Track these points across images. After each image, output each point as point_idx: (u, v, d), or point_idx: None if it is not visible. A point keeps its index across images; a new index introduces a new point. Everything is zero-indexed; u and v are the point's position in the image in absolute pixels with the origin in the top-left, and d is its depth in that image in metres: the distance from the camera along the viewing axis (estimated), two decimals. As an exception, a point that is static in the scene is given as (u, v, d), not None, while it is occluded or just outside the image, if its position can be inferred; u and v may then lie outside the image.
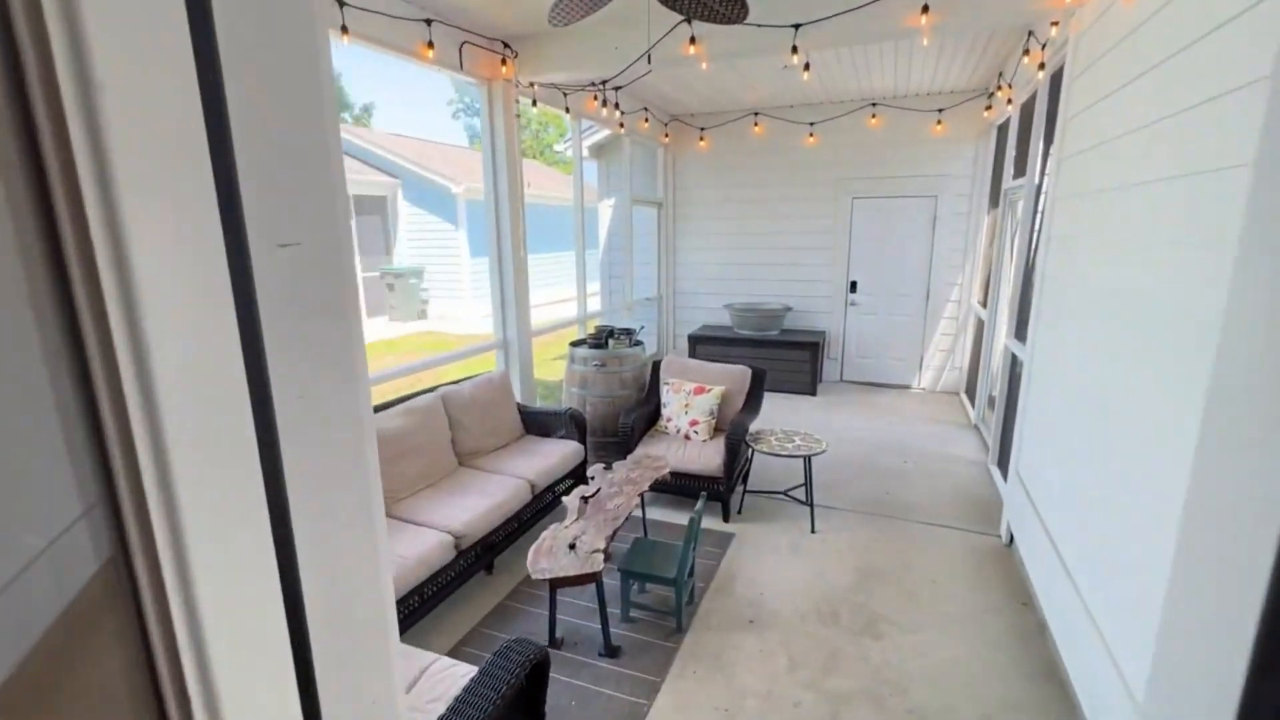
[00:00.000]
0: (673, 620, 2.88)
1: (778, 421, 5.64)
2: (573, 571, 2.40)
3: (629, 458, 3.57)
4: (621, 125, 5.79)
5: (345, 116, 25.81)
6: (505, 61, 4.10)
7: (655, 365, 4.69)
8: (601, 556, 2.50)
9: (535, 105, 4.45)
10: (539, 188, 14.98)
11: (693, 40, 3.60)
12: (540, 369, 8.89)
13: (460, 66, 3.87)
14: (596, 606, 2.70)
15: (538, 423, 4.21)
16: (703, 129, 7.02)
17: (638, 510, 3.59)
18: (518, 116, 4.28)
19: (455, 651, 2.69)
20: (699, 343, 7.03)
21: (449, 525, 2.93)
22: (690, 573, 2.97)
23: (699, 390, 4.21)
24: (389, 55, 3.45)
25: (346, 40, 3.05)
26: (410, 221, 13.77)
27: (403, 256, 13.93)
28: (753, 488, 4.22)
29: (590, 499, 3.02)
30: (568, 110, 4.96)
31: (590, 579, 2.42)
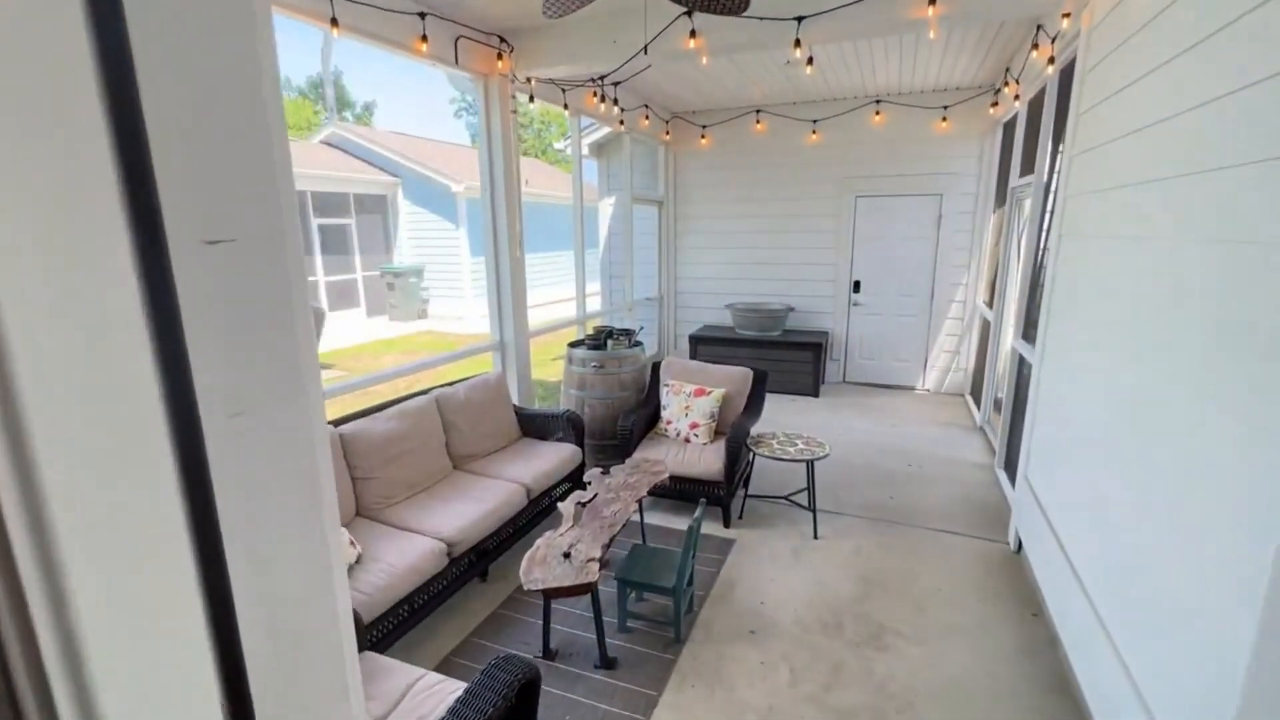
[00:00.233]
0: (671, 630, 2.79)
1: (780, 424, 5.56)
2: (567, 582, 2.32)
3: (627, 462, 3.49)
4: (621, 123, 5.70)
5: (347, 115, 25.79)
6: (502, 56, 4.01)
7: (655, 366, 4.60)
8: (597, 566, 2.42)
9: (532, 101, 4.37)
10: (541, 186, 14.91)
11: (693, 34, 3.52)
12: (541, 369, 8.84)
13: (456, 61, 3.79)
14: (592, 616, 2.62)
15: (535, 425, 4.13)
16: (704, 127, 6.93)
17: (635, 516, 3.51)
18: (514, 113, 4.20)
19: (446, 663, 2.61)
20: (700, 343, 6.95)
21: (441, 532, 2.85)
22: (689, 581, 2.89)
23: (699, 392, 4.13)
24: (382, 49, 3.37)
25: (337, 34, 2.97)
26: (411, 220, 13.71)
27: (403, 255, 13.87)
28: (754, 492, 4.14)
29: (586, 505, 2.94)
30: (566, 107, 4.88)
31: (585, 590, 2.34)
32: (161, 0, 0.54)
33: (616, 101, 5.19)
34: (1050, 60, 3.56)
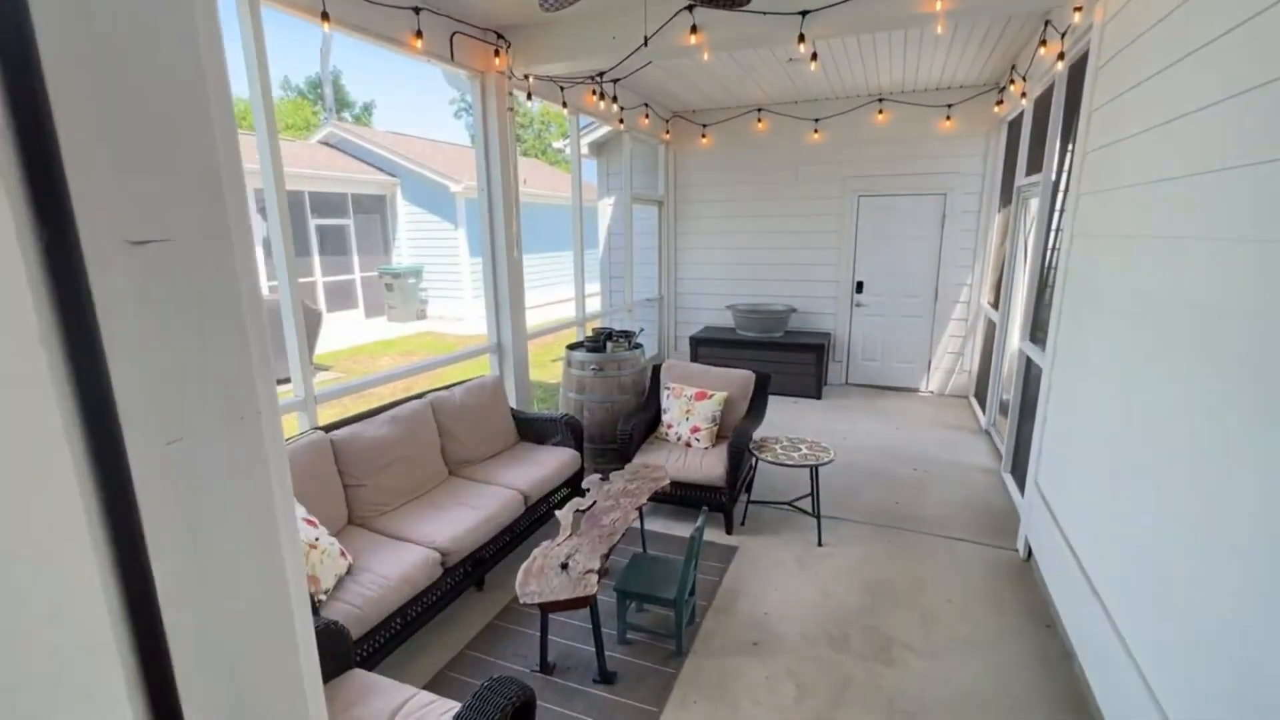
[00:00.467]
0: (672, 643, 2.71)
1: (782, 427, 5.47)
2: (564, 595, 2.23)
3: (627, 468, 3.40)
4: (621, 121, 5.62)
5: (345, 115, 25.70)
6: (498, 53, 3.93)
7: (655, 369, 4.52)
8: (595, 577, 2.33)
9: (530, 99, 4.28)
10: (540, 186, 14.83)
11: (694, 29, 3.43)
12: (541, 370, 8.75)
13: (451, 58, 3.70)
14: (591, 627, 2.53)
15: (533, 429, 4.04)
16: (705, 126, 6.85)
17: (635, 523, 3.42)
18: (511, 110, 4.11)
19: (439, 679, 2.52)
20: (701, 345, 6.86)
21: (435, 541, 2.77)
22: (691, 592, 2.80)
23: (701, 395, 4.04)
24: (375, 45, 3.28)
25: (328, 28, 2.88)
26: (409, 221, 13.62)
27: (402, 256, 13.78)
28: (757, 498, 4.05)
29: (585, 513, 2.85)
30: (565, 105, 4.79)
31: (583, 603, 2.25)
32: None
33: (616, 99, 5.10)
34: (1060, 56, 3.48)
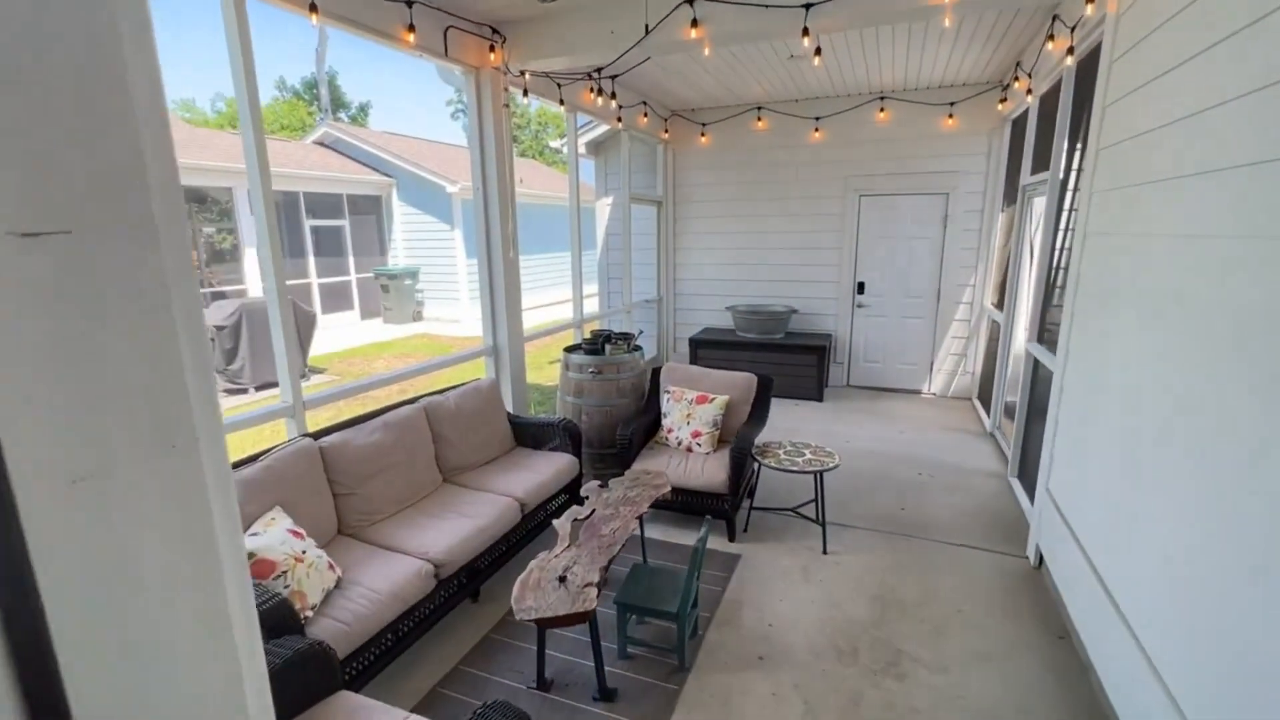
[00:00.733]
0: (674, 657, 2.61)
1: (784, 430, 5.38)
2: (562, 610, 2.13)
3: (626, 474, 3.30)
4: (619, 119, 5.53)
5: (342, 116, 25.58)
6: (494, 48, 3.83)
7: (655, 372, 4.42)
8: (595, 592, 2.23)
9: (526, 95, 4.18)
10: (538, 186, 14.73)
11: (695, 23, 3.34)
12: (540, 372, 8.64)
13: (445, 53, 3.61)
14: (590, 641, 2.43)
15: (530, 434, 3.94)
16: (704, 124, 6.76)
17: (636, 530, 3.32)
18: (506, 107, 4.01)
19: (432, 697, 2.42)
20: (700, 346, 6.77)
21: (429, 552, 2.66)
22: (694, 604, 2.71)
23: (702, 399, 3.95)
24: (365, 38, 3.19)
25: (315, 20, 2.78)
26: (405, 221, 13.51)
27: (398, 257, 13.67)
28: (759, 504, 3.95)
29: (583, 522, 2.76)
30: (562, 102, 4.70)
31: (582, 619, 2.15)
32: None
33: (614, 96, 5.01)
34: (1069, 51, 3.39)
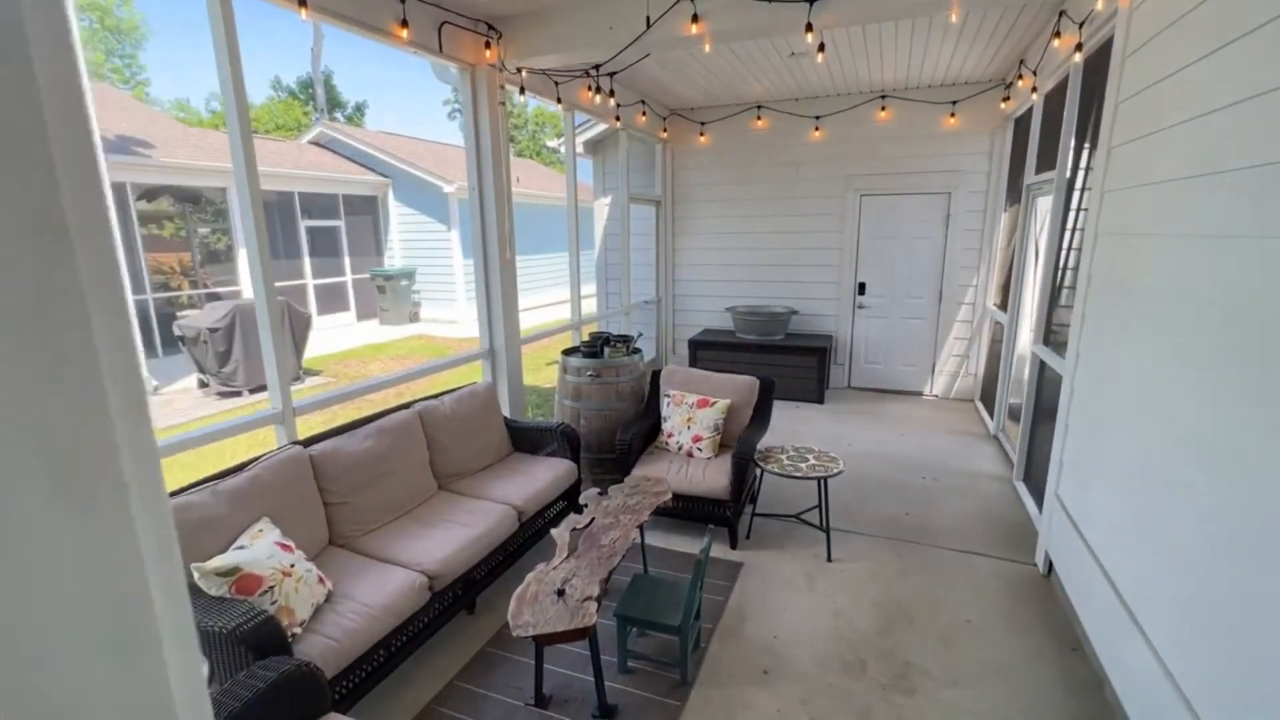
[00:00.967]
0: (677, 671, 2.53)
1: (784, 433, 5.31)
2: (561, 627, 2.05)
3: (626, 481, 3.22)
4: (618, 118, 5.44)
5: (338, 115, 25.45)
6: (489, 44, 3.75)
7: (655, 375, 4.34)
8: (595, 606, 2.15)
9: (523, 93, 4.10)
10: (537, 186, 14.64)
11: (695, 18, 3.26)
12: (538, 374, 8.56)
13: (440, 49, 3.52)
14: (589, 654, 2.35)
15: (527, 438, 3.86)
16: (703, 123, 6.69)
17: (636, 539, 3.24)
18: (502, 104, 3.93)
19: (425, 715, 2.33)
20: (700, 348, 6.69)
21: (423, 563, 2.58)
22: (696, 616, 2.63)
23: (703, 403, 3.86)
24: (356, 34, 3.10)
25: (305, 15, 2.69)
26: (402, 222, 13.41)
27: (394, 258, 13.57)
28: (762, 510, 3.87)
29: (582, 531, 2.67)
30: (559, 100, 4.61)
31: (581, 635, 2.07)
32: None
33: (613, 94, 4.92)
34: (1078, 47, 3.32)
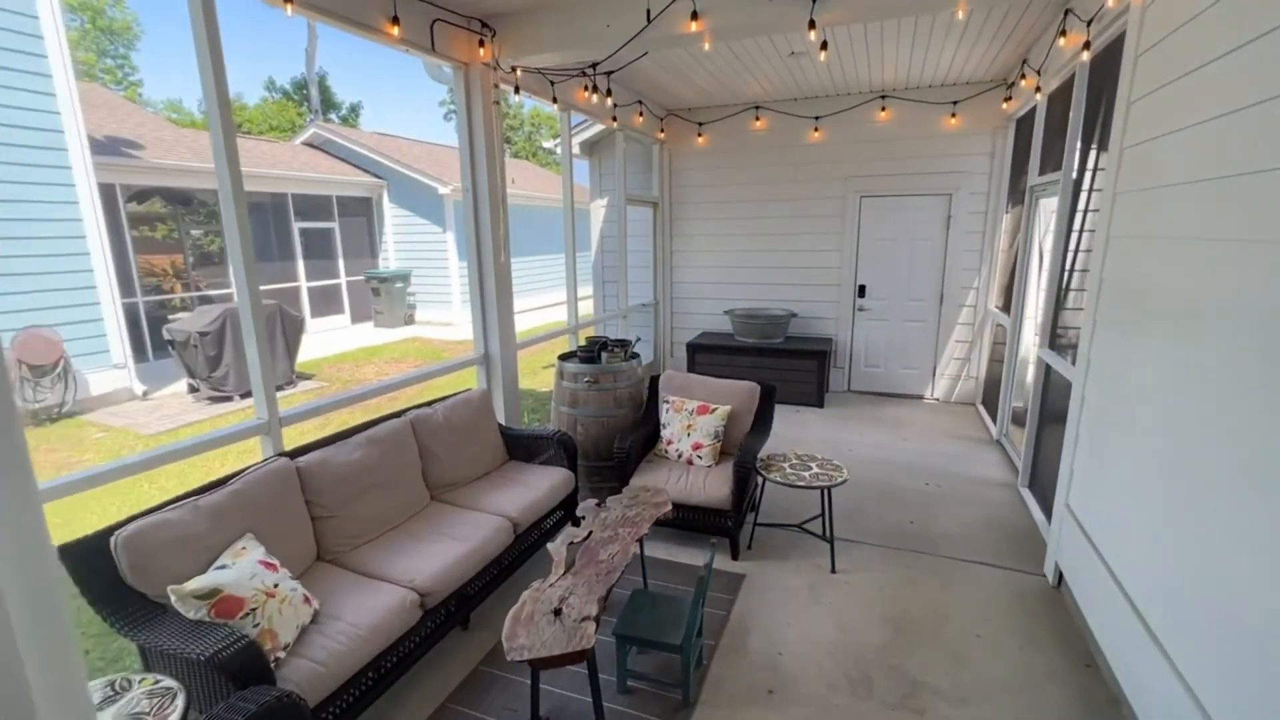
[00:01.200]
0: (678, 691, 2.44)
1: (785, 438, 5.22)
2: (558, 649, 1.96)
3: (625, 491, 3.13)
4: (614, 119, 5.36)
5: (332, 117, 25.31)
6: (484, 43, 3.65)
7: (654, 381, 4.25)
8: (593, 626, 2.06)
9: (518, 92, 4.01)
10: (532, 188, 14.54)
11: (694, 16, 3.18)
12: (534, 377, 8.45)
13: (432, 47, 3.43)
14: (587, 674, 2.26)
15: (523, 446, 3.76)
16: (701, 124, 6.61)
17: (636, 552, 3.14)
18: (497, 104, 3.83)
19: (417, 740, 2.24)
20: (698, 351, 6.60)
21: (414, 579, 2.48)
22: (698, 633, 2.54)
23: (703, 410, 3.78)
24: (346, 31, 3.00)
25: (290, 10, 2.60)
26: (397, 224, 13.30)
27: (389, 260, 13.45)
28: (763, 519, 3.79)
29: (580, 545, 2.58)
30: (555, 100, 4.52)
31: (579, 658, 1.98)
32: None
33: (609, 93, 4.84)
34: (1085, 46, 3.25)
